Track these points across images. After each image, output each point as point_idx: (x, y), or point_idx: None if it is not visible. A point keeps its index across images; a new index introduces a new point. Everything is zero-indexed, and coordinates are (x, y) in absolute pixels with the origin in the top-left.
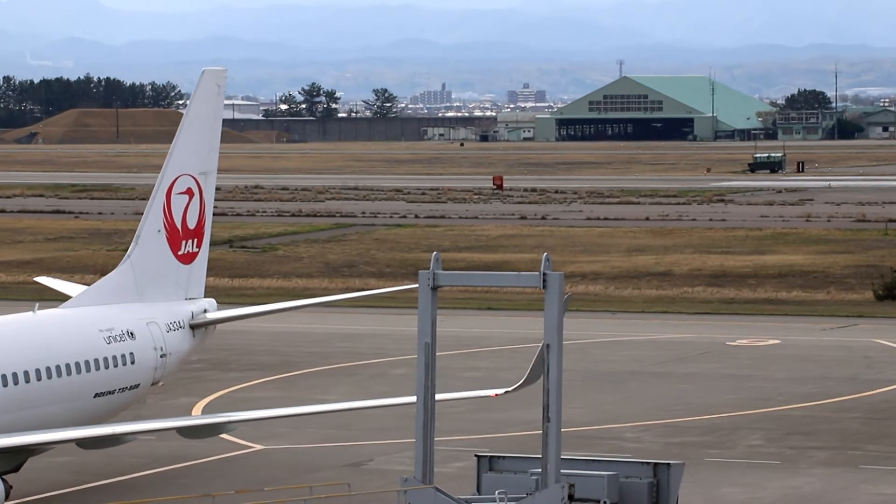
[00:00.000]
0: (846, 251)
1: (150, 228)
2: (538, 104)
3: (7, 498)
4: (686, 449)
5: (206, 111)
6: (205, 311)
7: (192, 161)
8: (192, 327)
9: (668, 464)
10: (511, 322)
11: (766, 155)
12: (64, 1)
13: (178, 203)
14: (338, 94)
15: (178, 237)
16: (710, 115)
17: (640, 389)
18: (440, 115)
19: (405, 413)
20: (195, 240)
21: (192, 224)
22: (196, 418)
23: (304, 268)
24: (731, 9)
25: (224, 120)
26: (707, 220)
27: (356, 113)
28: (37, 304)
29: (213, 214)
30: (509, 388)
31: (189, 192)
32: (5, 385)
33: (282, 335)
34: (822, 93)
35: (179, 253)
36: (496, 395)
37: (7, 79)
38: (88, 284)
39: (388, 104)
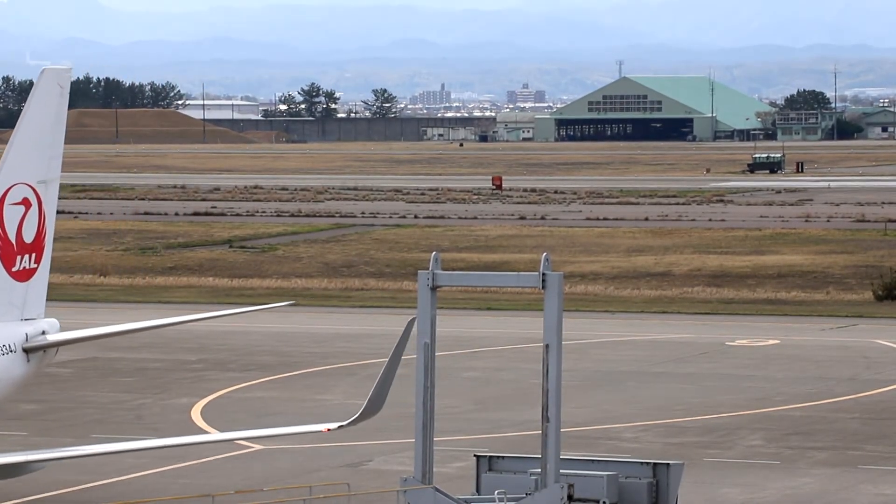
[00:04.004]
0: (845, 251)
1: None
2: (537, 104)
3: None
4: (685, 449)
5: (47, 114)
6: (43, 332)
7: (30, 169)
8: (27, 351)
9: (668, 464)
10: (511, 322)
11: (766, 155)
12: (64, 1)
13: (13, 215)
14: (337, 95)
15: (11, 252)
16: (710, 115)
17: (639, 389)
18: (439, 115)
19: (404, 413)
20: (33, 255)
21: (28, 238)
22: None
23: (304, 268)
24: (731, 9)
25: (223, 120)
26: (706, 220)
27: (355, 113)
28: None
29: (213, 214)
30: (343, 423)
31: (25, 202)
32: None
33: (282, 335)
34: (822, 93)
35: (14, 269)
36: (328, 430)
37: (6, 79)
38: (88, 285)
39: (388, 104)
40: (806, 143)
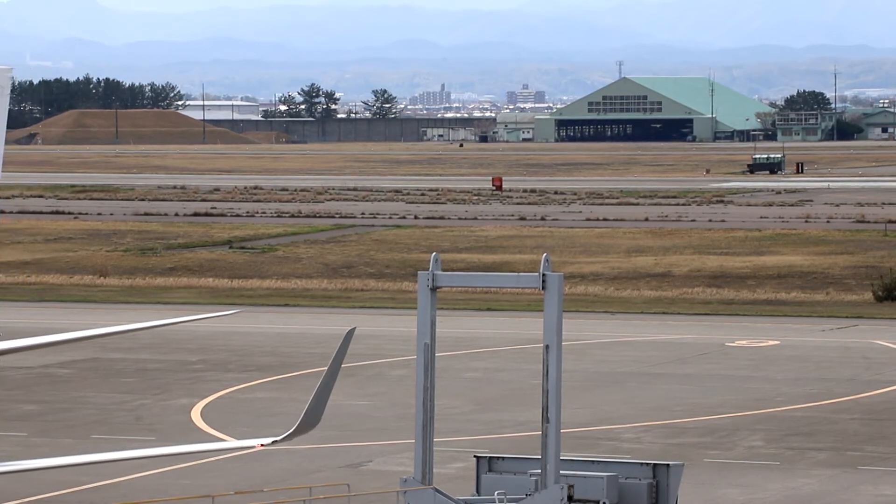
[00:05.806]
0: (845, 252)
1: None
2: (537, 105)
3: None
4: (685, 450)
5: None
6: None
7: None
8: None
9: (668, 464)
10: (511, 323)
11: (766, 156)
12: (64, 1)
13: None
14: (337, 95)
15: None
16: (710, 115)
17: (639, 390)
18: (439, 115)
19: (404, 413)
20: None
21: None
22: None
23: (304, 268)
24: (731, 9)
25: (223, 121)
26: (706, 220)
27: (355, 114)
28: None
29: (212, 215)
30: (277, 438)
31: None
32: None
33: (281, 336)
34: (822, 94)
35: None
36: (262, 445)
37: None
38: (88, 285)
39: (388, 105)
40: (806, 143)
